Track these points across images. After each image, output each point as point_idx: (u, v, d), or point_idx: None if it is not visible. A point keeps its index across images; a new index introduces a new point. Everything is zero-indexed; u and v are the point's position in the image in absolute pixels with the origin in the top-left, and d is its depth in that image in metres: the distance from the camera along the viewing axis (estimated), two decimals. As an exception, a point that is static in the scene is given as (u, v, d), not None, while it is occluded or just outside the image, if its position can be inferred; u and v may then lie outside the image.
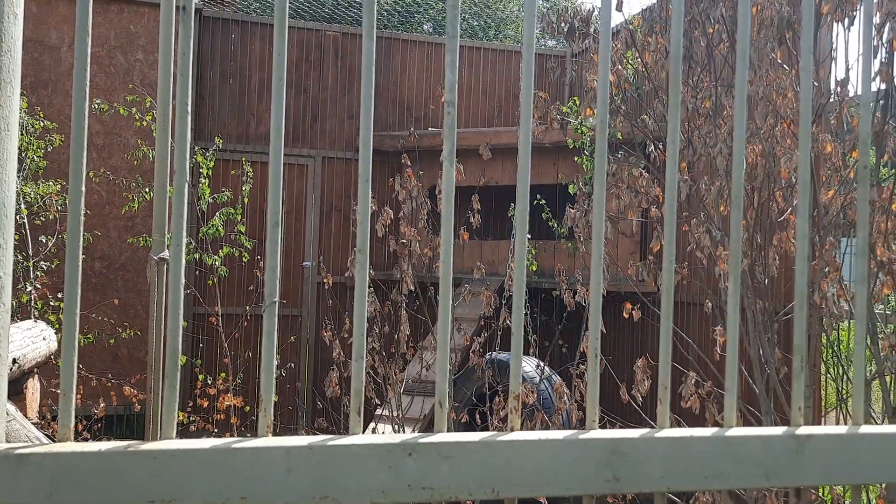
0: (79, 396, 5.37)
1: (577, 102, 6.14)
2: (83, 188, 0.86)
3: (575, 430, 0.98)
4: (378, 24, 13.54)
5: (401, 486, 0.91)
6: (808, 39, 1.27)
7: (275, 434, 0.93)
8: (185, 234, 0.87)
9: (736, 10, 3.21)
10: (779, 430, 1.03)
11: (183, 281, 0.88)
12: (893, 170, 3.61)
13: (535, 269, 6.25)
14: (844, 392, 3.98)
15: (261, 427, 0.90)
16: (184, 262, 0.89)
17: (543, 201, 6.10)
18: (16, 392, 3.37)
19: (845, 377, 4.06)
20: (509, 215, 6.05)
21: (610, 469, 0.97)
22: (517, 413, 1.00)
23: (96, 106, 5.44)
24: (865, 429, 1.07)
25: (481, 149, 4.14)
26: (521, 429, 3.36)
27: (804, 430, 1.04)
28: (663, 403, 1.05)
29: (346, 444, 0.90)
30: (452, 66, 0.97)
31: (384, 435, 0.92)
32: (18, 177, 5.15)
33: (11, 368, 3.19)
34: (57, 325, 4.88)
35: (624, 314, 3.39)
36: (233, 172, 6.08)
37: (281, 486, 0.87)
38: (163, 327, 2.38)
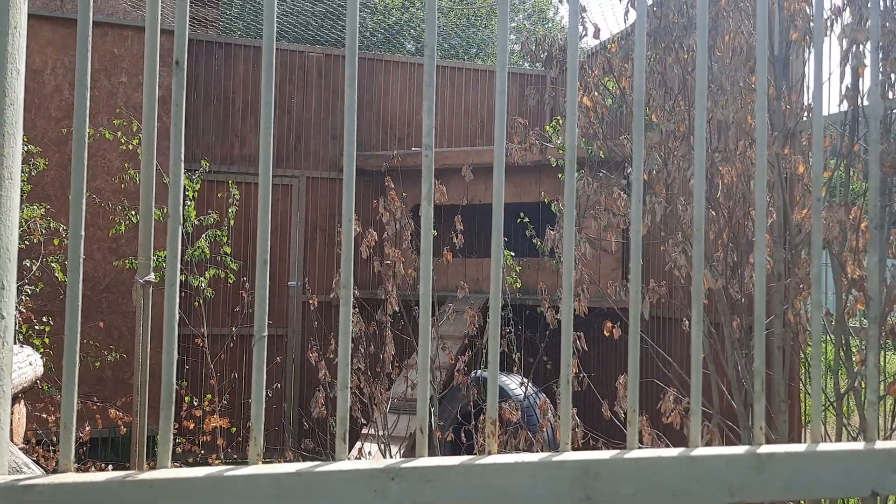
0: (64, 420, 5.36)
1: (560, 121, 6.24)
2: (82, 232, 0.91)
3: (549, 453, 1.04)
4: (360, 45, 13.65)
5: (385, 509, 0.96)
6: (763, 71, 1.35)
7: (261, 455, 0.98)
8: (178, 274, 0.93)
9: (710, 39, 3.31)
10: (741, 450, 1.10)
11: (177, 316, 0.93)
12: (865, 187, 3.72)
13: (519, 286, 6.31)
14: (824, 406, 4.05)
15: (251, 455, 0.96)
16: (177, 300, 0.94)
17: (527, 219, 6.18)
18: None
19: (823, 391, 4.13)
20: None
21: (582, 489, 1.03)
22: (494, 437, 1.05)
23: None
24: (823, 446, 1.14)
25: (463, 170, 4.22)
26: (507, 446, 3.40)
27: (765, 448, 1.10)
28: (632, 425, 1.11)
29: (333, 471, 0.95)
30: (430, 113, 1.03)
31: (369, 461, 0.98)
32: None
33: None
34: (42, 350, 4.88)
35: (605, 332, 3.46)
36: (219, 195, 6.13)
37: (271, 510, 0.92)
38: (148, 350, 2.42)
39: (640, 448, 1.10)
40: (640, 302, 1.12)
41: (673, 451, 1.08)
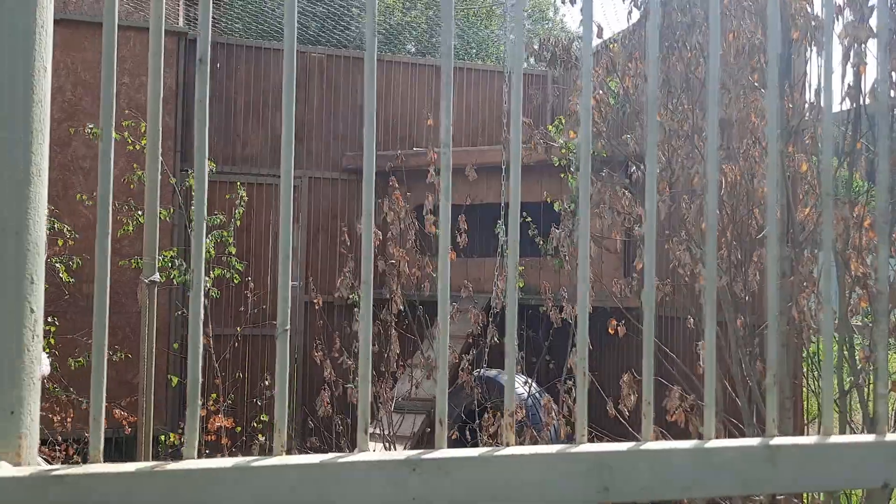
0: (69, 420, 5.38)
1: (563, 121, 6.26)
2: (109, 229, 0.93)
3: (566, 445, 1.06)
4: (361, 45, 13.68)
5: (405, 500, 0.98)
6: (774, 69, 1.36)
7: (261, 453, 1.00)
8: (203, 277, 0.95)
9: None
10: (754, 441, 1.11)
11: (202, 317, 0.95)
12: (867, 185, 3.74)
13: (521, 286, 6.32)
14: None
15: (276, 446, 0.97)
16: (203, 302, 0.96)
17: (529, 219, 6.19)
18: None
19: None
20: (496, 232, 6.14)
21: (599, 480, 1.04)
22: (512, 429, 1.07)
23: (89, 130, 5.50)
24: (835, 438, 1.15)
25: (467, 170, 4.24)
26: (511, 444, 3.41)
27: (778, 440, 1.12)
28: (647, 418, 1.12)
29: (354, 461, 0.97)
30: (447, 111, 1.05)
31: (390, 452, 0.99)
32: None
33: None
34: (47, 350, 4.89)
35: (609, 330, 3.47)
36: (227, 196, 6.15)
37: (294, 500, 0.94)
38: (153, 350, 2.43)
39: (655, 440, 1.11)
40: (654, 295, 1.14)
41: (687, 443, 1.09)
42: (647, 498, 1.07)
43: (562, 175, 6.31)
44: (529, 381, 5.08)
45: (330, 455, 0.97)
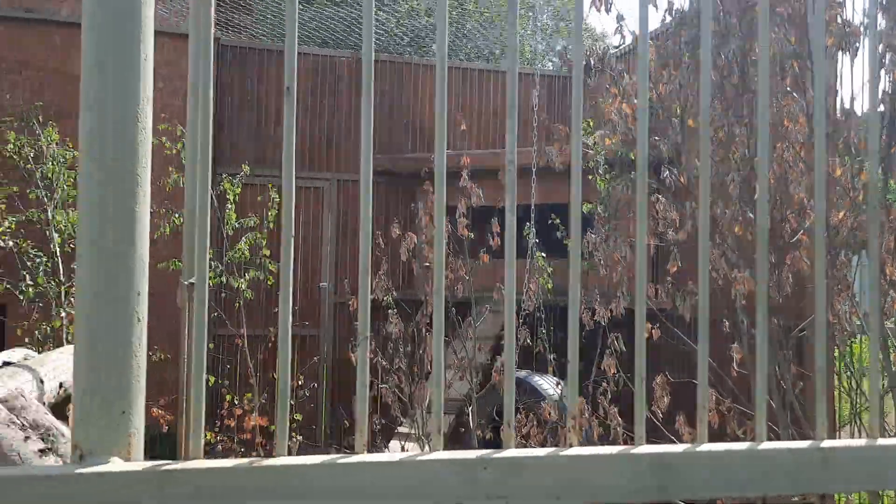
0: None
1: (591, 124, 6.29)
2: (207, 244, 1.01)
3: (626, 446, 1.12)
4: (389, 49, 13.77)
5: (478, 495, 1.04)
6: (822, 72, 1.41)
7: (297, 453, 1.07)
8: (290, 281, 1.02)
9: (745, 44, 3.37)
10: (805, 444, 1.17)
11: (290, 318, 1.02)
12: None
13: (550, 287, 6.36)
14: (860, 406, 4.09)
15: (357, 445, 1.05)
16: (290, 303, 1.03)
17: (557, 220, 6.23)
18: (61, 416, 3.50)
19: (858, 391, 4.17)
20: (525, 235, 6.18)
21: (658, 479, 1.10)
22: (575, 431, 1.13)
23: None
24: (882, 441, 1.20)
25: (500, 174, 4.29)
26: (545, 445, 3.52)
27: (828, 443, 1.17)
28: (702, 422, 1.18)
29: (431, 459, 1.04)
30: (512, 131, 1.12)
31: (462, 451, 1.06)
32: (50, 205, 5.34)
33: (58, 392, 3.35)
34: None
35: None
36: (259, 198, 6.27)
37: (376, 494, 1.01)
38: (192, 350, 2.53)
39: (708, 442, 1.17)
40: (707, 305, 1.20)
41: (741, 445, 1.15)
42: (704, 495, 1.13)
43: (590, 177, 6.34)
44: (561, 382, 5.13)
45: (407, 453, 1.04)
